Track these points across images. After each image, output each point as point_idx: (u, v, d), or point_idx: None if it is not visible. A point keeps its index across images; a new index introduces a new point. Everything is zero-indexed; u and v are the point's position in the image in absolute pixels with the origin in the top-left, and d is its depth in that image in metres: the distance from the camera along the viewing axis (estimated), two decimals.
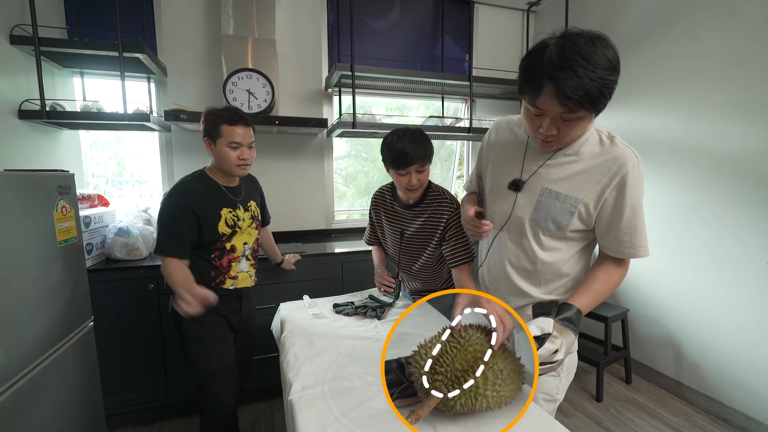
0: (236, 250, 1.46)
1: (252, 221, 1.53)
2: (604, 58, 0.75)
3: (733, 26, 1.89)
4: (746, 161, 1.86)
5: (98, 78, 2.34)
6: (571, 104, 0.77)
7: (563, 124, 0.83)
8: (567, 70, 0.74)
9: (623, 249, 0.93)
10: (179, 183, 1.38)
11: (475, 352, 0.74)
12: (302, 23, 2.60)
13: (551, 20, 2.99)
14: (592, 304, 0.92)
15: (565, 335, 0.83)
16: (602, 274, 0.95)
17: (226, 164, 1.38)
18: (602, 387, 2.21)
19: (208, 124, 1.36)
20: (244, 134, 1.38)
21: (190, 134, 2.43)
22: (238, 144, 1.37)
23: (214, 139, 1.36)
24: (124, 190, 2.62)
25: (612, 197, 0.90)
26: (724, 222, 1.97)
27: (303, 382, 1.01)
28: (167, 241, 1.32)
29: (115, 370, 1.87)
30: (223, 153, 1.36)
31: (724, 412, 2.01)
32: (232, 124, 1.35)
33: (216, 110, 1.38)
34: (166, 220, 1.32)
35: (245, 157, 1.40)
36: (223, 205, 1.41)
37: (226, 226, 1.41)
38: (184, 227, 1.32)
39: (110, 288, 1.85)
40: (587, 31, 0.78)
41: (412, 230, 1.43)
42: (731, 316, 1.96)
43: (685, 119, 2.12)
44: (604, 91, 0.76)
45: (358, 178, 3.20)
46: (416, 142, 1.27)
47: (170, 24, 2.35)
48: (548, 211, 0.95)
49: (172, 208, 1.32)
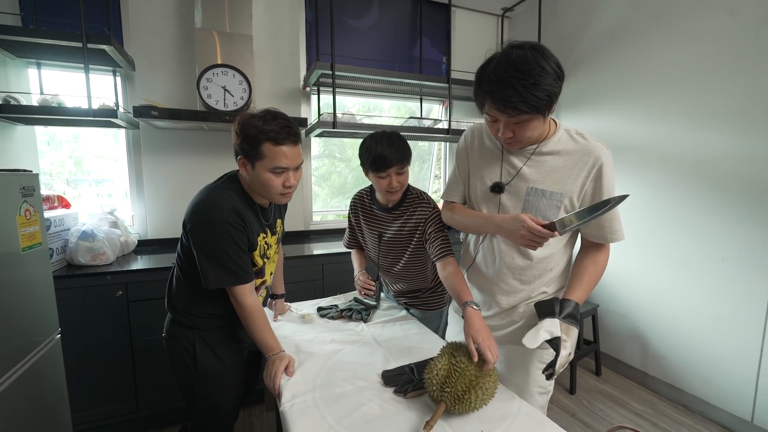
0: (265, 283, 1.26)
1: (278, 246, 1.32)
2: (537, 67, 0.83)
3: (692, 40, 2.01)
4: (705, 165, 2.00)
5: (57, 70, 2.18)
6: (510, 111, 0.86)
7: (516, 126, 0.91)
8: (501, 83, 0.84)
9: (605, 234, 1.00)
10: (218, 197, 1.07)
11: (471, 377, 0.88)
12: (280, 20, 2.54)
13: (524, 26, 3.08)
14: (587, 293, 0.99)
15: (571, 333, 0.90)
16: (590, 263, 1.02)
17: (266, 192, 1.10)
18: (575, 380, 2.31)
19: (245, 141, 1.04)
20: (293, 156, 1.07)
21: (161, 132, 2.31)
22: (284, 169, 1.06)
23: (251, 160, 1.05)
24: (81, 189, 2.45)
25: (591, 188, 0.97)
26: (684, 222, 2.10)
27: (293, 390, 0.99)
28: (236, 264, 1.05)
29: (81, 383, 1.75)
30: (264, 180, 1.06)
31: (685, 399, 2.15)
32: (279, 143, 1.03)
33: (256, 121, 1.03)
34: (226, 240, 1.04)
35: (291, 184, 1.09)
36: (260, 231, 1.16)
37: (260, 256, 1.17)
38: (244, 248, 1.09)
39: (74, 296, 1.72)
40: (525, 43, 0.87)
41: (392, 232, 1.44)
42: (691, 309, 2.10)
43: (651, 124, 2.24)
44: (539, 95, 0.83)
45: (332, 178, 3.17)
46: (395, 145, 1.28)
47: (138, 15, 2.22)
48: (537, 208, 1.00)
49: (229, 229, 1.04)
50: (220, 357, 1.16)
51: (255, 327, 1.10)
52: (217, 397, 1.19)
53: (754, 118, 1.79)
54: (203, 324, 1.15)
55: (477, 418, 0.88)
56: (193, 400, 1.19)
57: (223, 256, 1.04)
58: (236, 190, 1.11)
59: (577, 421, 2.04)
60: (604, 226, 0.99)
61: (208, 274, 1.05)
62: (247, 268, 1.09)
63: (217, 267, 1.05)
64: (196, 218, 1.06)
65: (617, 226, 1.00)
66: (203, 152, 2.41)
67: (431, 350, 1.17)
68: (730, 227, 1.90)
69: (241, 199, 1.11)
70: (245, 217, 1.08)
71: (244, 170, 1.09)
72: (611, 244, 1.03)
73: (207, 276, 1.05)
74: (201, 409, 1.20)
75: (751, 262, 1.83)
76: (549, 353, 1.06)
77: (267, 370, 1.08)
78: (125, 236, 2.10)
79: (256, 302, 1.11)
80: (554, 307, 0.92)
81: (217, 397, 1.19)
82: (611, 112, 2.47)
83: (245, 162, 1.07)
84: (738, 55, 1.84)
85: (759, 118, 1.78)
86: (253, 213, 1.14)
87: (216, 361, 1.16)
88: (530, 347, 0.87)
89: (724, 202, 1.93)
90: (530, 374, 1.09)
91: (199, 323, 1.15)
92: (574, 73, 2.68)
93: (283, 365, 1.07)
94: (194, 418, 1.23)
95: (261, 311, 1.12)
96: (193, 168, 2.39)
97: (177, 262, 1.17)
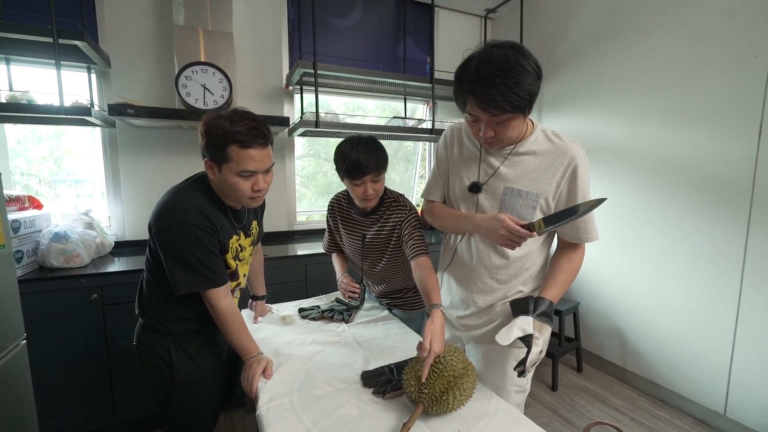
0: (240, 285, 1.23)
1: (252, 248, 1.28)
2: (518, 66, 0.83)
3: (666, 44, 2.06)
4: (679, 166, 2.05)
5: (28, 66, 2.10)
6: (492, 110, 0.86)
7: (497, 126, 0.91)
8: (483, 81, 0.84)
9: (580, 235, 1.02)
10: (186, 201, 1.01)
11: (449, 377, 0.87)
12: (261, 17, 2.50)
13: (507, 27, 3.12)
14: (562, 291, 1.00)
15: (544, 330, 0.90)
16: (565, 262, 1.03)
17: (234, 196, 1.05)
18: (557, 377, 2.34)
19: (211, 143, 0.98)
20: (262, 158, 1.01)
21: (138, 130, 2.25)
22: (253, 172, 1.01)
23: (218, 163, 1.00)
24: (59, 190, 2.38)
25: (566, 188, 0.98)
26: (661, 220, 2.15)
27: (270, 393, 0.97)
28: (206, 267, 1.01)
29: (56, 390, 1.69)
30: (231, 184, 1.01)
31: (662, 394, 2.20)
32: (246, 146, 0.97)
33: (222, 122, 0.97)
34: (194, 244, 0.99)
35: (261, 188, 1.04)
36: (232, 233, 1.12)
37: (232, 259, 1.14)
38: (214, 251, 1.04)
39: (46, 299, 1.67)
40: (504, 42, 0.87)
41: (371, 236, 1.42)
42: (668, 306, 2.15)
43: (627, 125, 2.29)
44: (521, 94, 0.84)
45: (317, 178, 3.15)
46: (370, 151, 1.23)
47: (114, 10, 2.16)
48: (513, 208, 1.00)
49: (197, 232, 0.99)
50: (197, 362, 1.13)
51: (231, 330, 1.08)
52: (196, 403, 1.16)
53: (723, 120, 1.85)
54: (178, 329, 1.12)
55: (455, 417, 0.88)
56: (171, 408, 1.15)
57: (192, 260, 1.00)
58: (204, 192, 1.06)
59: (559, 418, 2.07)
60: (579, 226, 1.01)
61: (177, 278, 1.01)
62: (219, 270, 1.06)
63: (187, 271, 1.01)
64: (161, 221, 1.02)
65: (591, 227, 1.01)
66: (182, 151, 2.36)
67: (412, 350, 1.16)
68: (703, 226, 1.96)
69: (210, 200, 1.06)
70: (214, 219, 1.04)
71: (211, 173, 1.04)
72: (587, 243, 1.04)
73: (176, 281, 1.02)
74: (179, 415, 1.17)
75: (722, 260, 1.89)
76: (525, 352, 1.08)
77: (244, 373, 1.06)
78: (101, 238, 2.04)
79: (232, 305, 1.09)
80: (528, 305, 0.93)
81: (195, 403, 1.15)
82: (590, 113, 2.51)
83: (212, 164, 1.02)
84: (707, 60, 1.89)
85: (727, 120, 1.83)
86: (223, 215, 1.09)
87: (193, 367, 1.12)
88: (502, 344, 0.88)
89: (697, 202, 1.98)
90: (507, 373, 1.09)
91: (174, 328, 1.12)
92: (555, 74, 2.72)
93: (260, 368, 1.05)
94: (172, 424, 1.20)
95: (237, 314, 1.10)
96: (172, 167, 2.33)
97: (146, 266, 1.13)
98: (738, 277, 1.83)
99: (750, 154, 1.76)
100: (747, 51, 1.75)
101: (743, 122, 1.78)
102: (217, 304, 1.05)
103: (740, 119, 1.79)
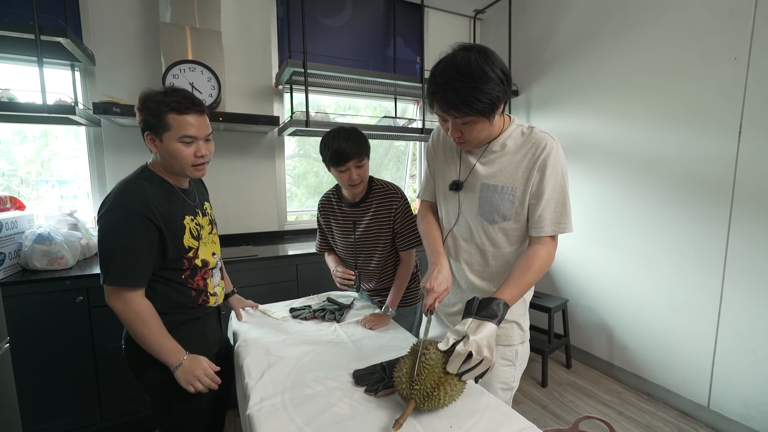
0: (208, 264, 1.20)
1: (211, 227, 1.27)
2: (479, 71, 0.84)
3: (651, 46, 2.11)
4: (663, 164, 2.09)
5: (9, 63, 2.04)
6: (454, 113, 0.88)
7: (463, 127, 0.93)
8: (444, 85, 0.86)
9: (548, 226, 0.97)
10: (126, 187, 1.05)
11: (440, 373, 0.87)
12: (250, 16, 2.48)
13: (495, 27, 3.15)
14: (520, 291, 0.94)
15: (480, 329, 0.84)
16: (523, 261, 0.97)
17: (178, 164, 1.08)
18: (547, 373, 2.37)
19: (148, 113, 1.04)
20: (200, 125, 1.08)
21: (124, 129, 2.21)
22: (193, 138, 1.06)
23: (158, 133, 1.04)
24: (42, 191, 2.32)
25: (537, 179, 0.96)
26: (646, 218, 2.20)
27: (261, 393, 0.96)
28: (125, 265, 1.00)
29: (41, 395, 1.66)
30: (173, 151, 1.05)
31: (649, 388, 2.25)
32: (182, 112, 1.04)
33: (157, 95, 1.05)
34: (120, 237, 1.00)
35: (203, 154, 1.10)
36: (185, 213, 1.13)
37: (192, 238, 1.13)
38: (144, 246, 1.02)
39: (30, 302, 1.63)
40: (473, 46, 0.88)
41: (363, 226, 1.46)
42: (653, 301, 2.20)
43: (614, 125, 2.33)
44: (481, 99, 0.85)
45: (308, 177, 3.14)
46: (350, 139, 1.33)
47: (99, 7, 2.12)
48: (490, 204, 1.01)
49: (127, 219, 1.00)
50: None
51: (150, 332, 1.04)
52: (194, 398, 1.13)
53: (705, 121, 1.90)
54: (165, 323, 1.10)
55: (446, 413, 0.89)
56: (168, 407, 1.14)
57: (118, 249, 0.99)
58: (149, 178, 1.09)
59: (549, 413, 2.10)
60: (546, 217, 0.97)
61: (102, 268, 1.01)
62: (143, 270, 1.04)
63: (110, 262, 1.00)
64: (100, 210, 1.03)
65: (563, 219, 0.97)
66: None
67: (404, 348, 1.16)
68: (686, 223, 2.01)
69: (158, 186, 1.09)
70: (159, 206, 1.04)
71: (153, 146, 1.08)
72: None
73: (102, 271, 1.01)
74: (178, 413, 1.16)
75: (704, 256, 1.94)
76: (510, 350, 1.09)
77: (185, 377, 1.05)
78: (86, 239, 2.00)
79: (149, 306, 1.06)
80: (472, 305, 0.90)
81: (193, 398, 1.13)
82: (578, 113, 2.55)
83: (153, 137, 1.06)
84: (689, 61, 1.94)
85: (709, 120, 1.88)
86: (174, 195, 1.12)
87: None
88: (442, 349, 0.86)
89: (680, 199, 2.03)
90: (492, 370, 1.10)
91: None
92: (544, 75, 2.75)
93: (202, 363, 1.07)
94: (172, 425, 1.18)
95: (155, 314, 1.06)
96: None
97: None
98: (720, 274, 1.88)
99: (731, 154, 1.81)
100: (727, 53, 1.80)
101: (724, 122, 1.83)
102: (137, 306, 1.03)
103: (721, 119, 1.84)
